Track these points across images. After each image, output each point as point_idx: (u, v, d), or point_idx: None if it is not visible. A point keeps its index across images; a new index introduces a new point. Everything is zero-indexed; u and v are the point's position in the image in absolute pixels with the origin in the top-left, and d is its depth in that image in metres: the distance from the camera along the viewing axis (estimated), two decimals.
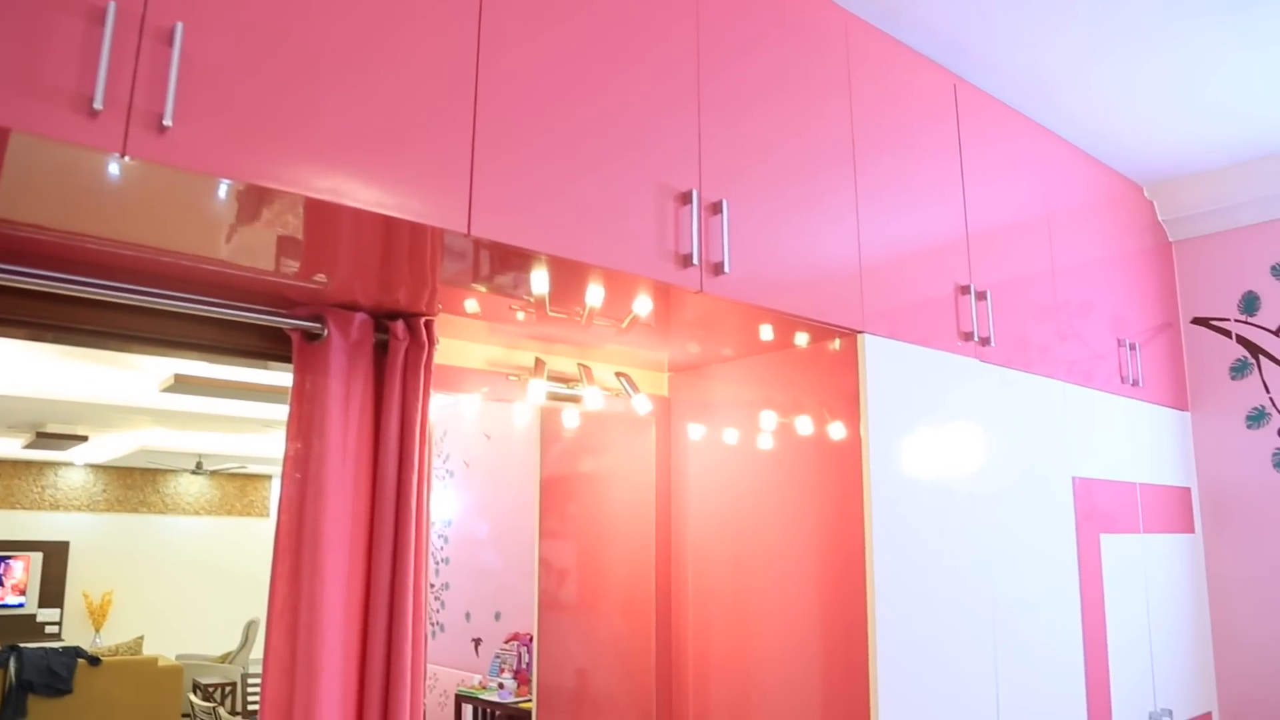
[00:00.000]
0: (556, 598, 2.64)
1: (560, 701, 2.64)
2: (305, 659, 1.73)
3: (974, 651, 2.19)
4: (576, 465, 2.71)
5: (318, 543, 1.76)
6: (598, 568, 2.63)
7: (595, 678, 2.60)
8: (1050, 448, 2.56)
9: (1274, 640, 3.12)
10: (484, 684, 5.60)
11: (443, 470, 6.79)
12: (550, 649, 2.67)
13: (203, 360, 1.91)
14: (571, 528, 2.69)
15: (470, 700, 5.47)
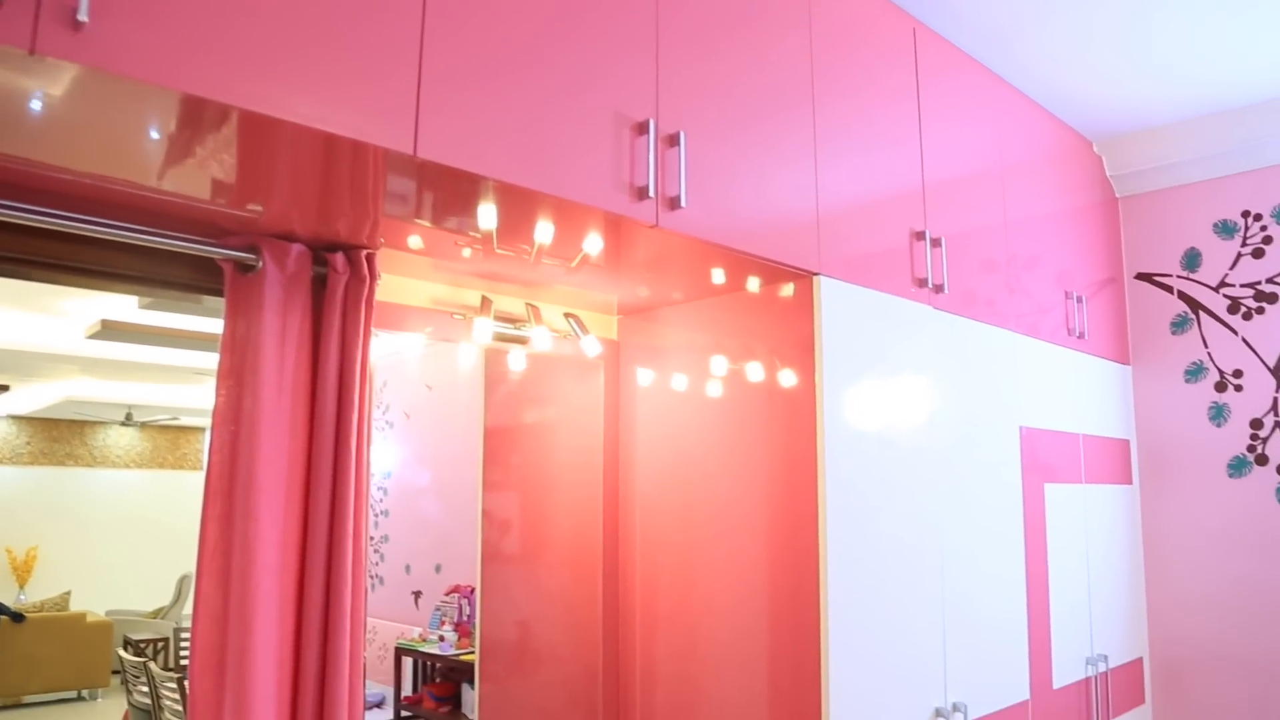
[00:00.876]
0: (500, 549, 2.59)
1: (504, 654, 2.60)
2: (238, 607, 1.65)
3: (922, 600, 2.19)
4: (522, 412, 2.64)
5: (251, 484, 1.68)
6: (543, 518, 2.58)
7: (540, 630, 2.56)
8: (999, 397, 2.56)
9: (1202, 590, 3.20)
10: (424, 637, 5.54)
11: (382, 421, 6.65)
12: (493, 601, 2.62)
13: (130, 293, 1.80)
14: (516, 477, 2.63)
15: (410, 653, 5.40)
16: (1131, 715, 3.11)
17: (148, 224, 1.66)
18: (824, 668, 1.93)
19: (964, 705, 2.24)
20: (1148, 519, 3.33)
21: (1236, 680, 3.11)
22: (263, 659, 1.65)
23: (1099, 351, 3.17)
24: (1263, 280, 3.16)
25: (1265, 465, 3.11)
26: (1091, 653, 2.88)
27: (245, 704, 1.62)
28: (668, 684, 2.27)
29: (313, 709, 1.71)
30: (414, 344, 2.13)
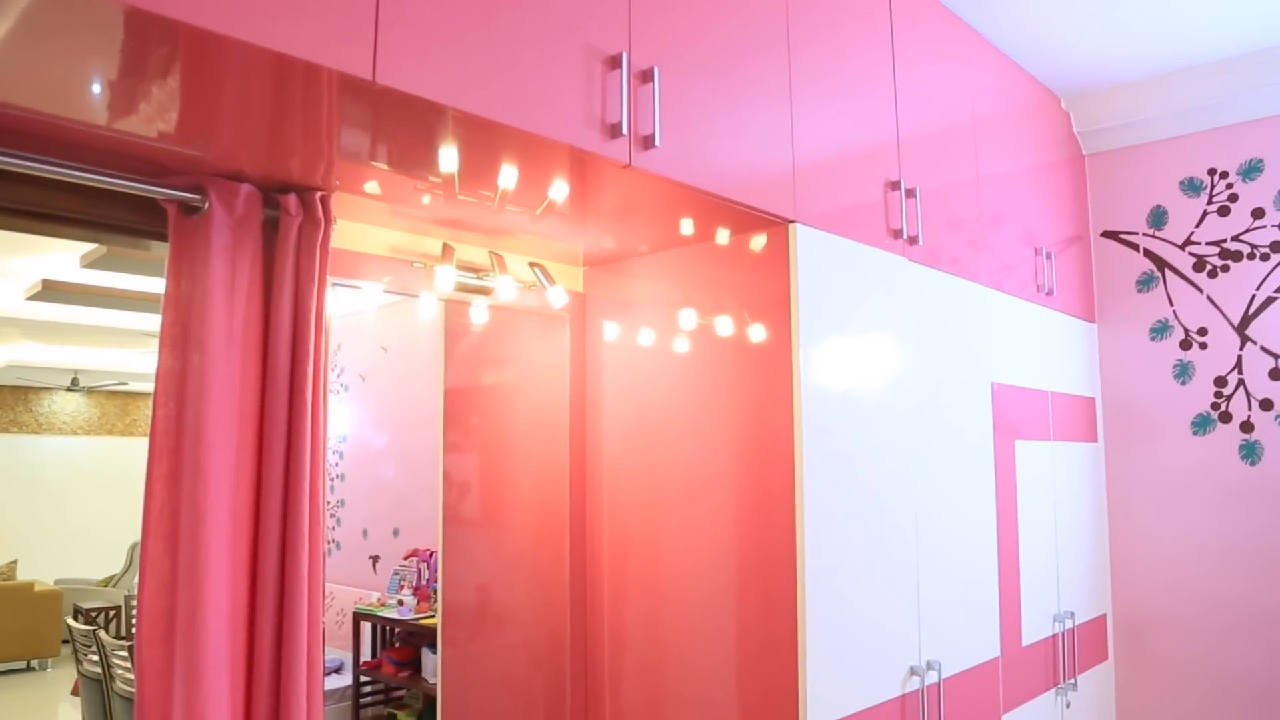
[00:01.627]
0: (461, 512, 2.51)
1: (467, 618, 2.53)
2: (188, 570, 1.56)
3: (897, 559, 2.15)
4: (484, 369, 2.56)
5: (199, 441, 1.58)
6: (506, 479, 2.50)
7: (504, 593, 2.49)
8: (972, 353, 2.52)
9: (1165, 547, 3.21)
10: (383, 601, 5.46)
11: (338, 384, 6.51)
12: (455, 565, 2.54)
13: (67, 236, 1.68)
14: (478, 438, 2.55)
15: (369, 618, 5.32)
16: (1095, 671, 3.12)
17: (85, 161, 1.55)
18: (800, 628, 1.88)
19: (937, 663, 2.22)
20: (1112, 477, 3.33)
21: (1197, 636, 3.14)
22: (214, 625, 1.56)
23: (1066, 309, 3.15)
24: (1228, 238, 3.16)
25: (1229, 423, 3.12)
26: (1059, 610, 2.88)
27: (196, 672, 1.54)
28: (637, 647, 2.21)
29: (269, 676, 1.63)
30: (370, 302, 2.03)
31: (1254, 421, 3.08)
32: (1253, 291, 3.10)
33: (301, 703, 1.62)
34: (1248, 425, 3.09)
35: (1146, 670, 3.24)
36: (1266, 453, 3.04)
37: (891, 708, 2.10)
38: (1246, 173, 3.12)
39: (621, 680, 2.25)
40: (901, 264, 2.25)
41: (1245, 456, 3.08)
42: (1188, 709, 3.14)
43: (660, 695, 2.15)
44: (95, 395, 10.15)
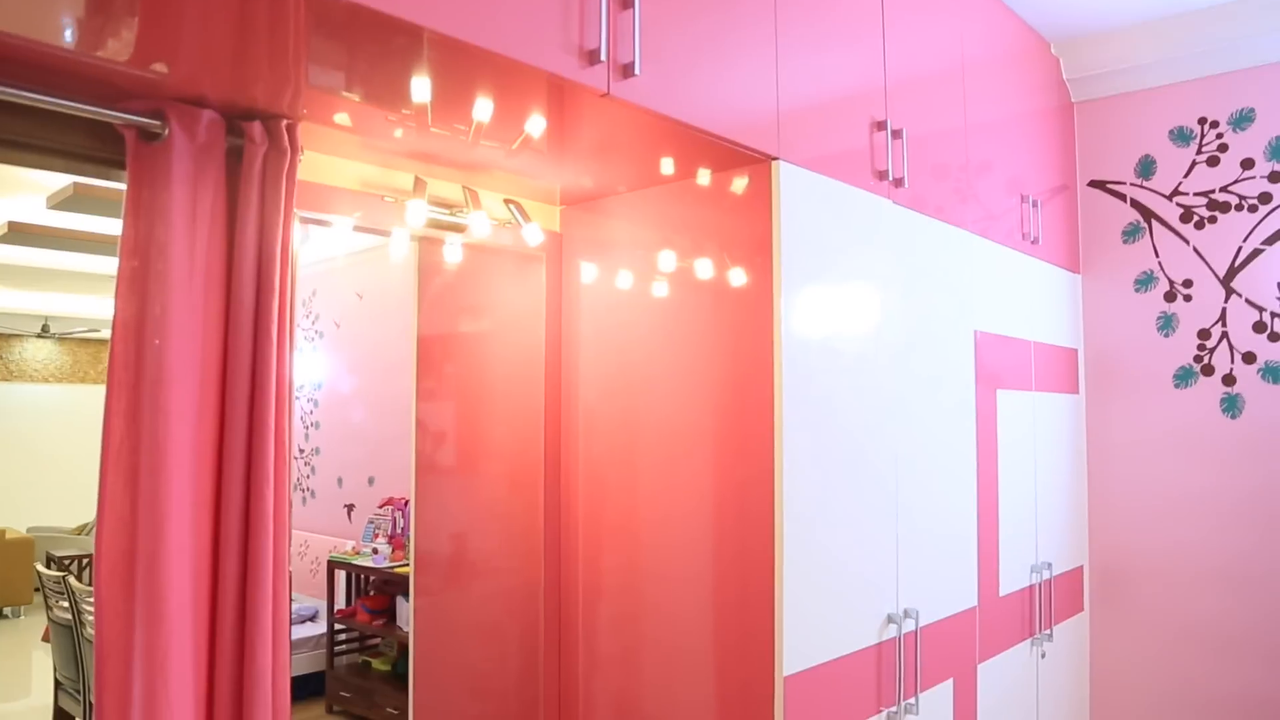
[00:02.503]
0: (434, 459, 2.47)
1: (440, 567, 2.50)
2: (148, 508, 1.51)
3: (876, 508, 2.12)
4: (458, 312, 2.50)
5: (160, 377, 1.52)
6: (481, 426, 2.46)
7: (478, 542, 2.46)
8: (955, 299, 2.48)
9: (1143, 500, 3.22)
10: (357, 550, 5.42)
11: (312, 331, 6.41)
12: (428, 513, 2.50)
13: (17, 162, 1.60)
14: (452, 383, 2.50)
15: (343, 566, 5.29)
16: (1071, 622, 3.14)
17: (37, 83, 1.47)
18: (778, 575, 1.86)
19: (915, 611, 2.20)
20: (1092, 429, 3.32)
21: (1172, 588, 3.15)
22: (177, 565, 1.52)
23: (1051, 258, 3.11)
24: (1216, 189, 3.12)
25: (1211, 376, 3.11)
26: (1036, 561, 2.88)
27: (158, 613, 1.50)
28: (612, 596, 2.19)
29: (234, 618, 1.59)
30: (344, 247, 1.96)
31: (1236, 375, 3.06)
32: (1239, 243, 3.07)
33: (266, 644, 1.58)
34: (1230, 378, 3.07)
35: (1121, 621, 3.25)
36: (1248, 406, 3.04)
37: (868, 655, 2.09)
38: (1237, 122, 3.08)
39: (596, 629, 2.23)
40: (886, 206, 2.20)
41: (1226, 410, 3.08)
42: (1161, 660, 3.17)
43: (635, 643, 2.13)
44: (67, 342, 10.00)
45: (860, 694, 2.06)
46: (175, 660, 1.50)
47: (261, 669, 1.58)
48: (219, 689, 1.58)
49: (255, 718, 1.57)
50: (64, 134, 1.58)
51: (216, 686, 1.58)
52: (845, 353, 2.06)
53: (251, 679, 1.57)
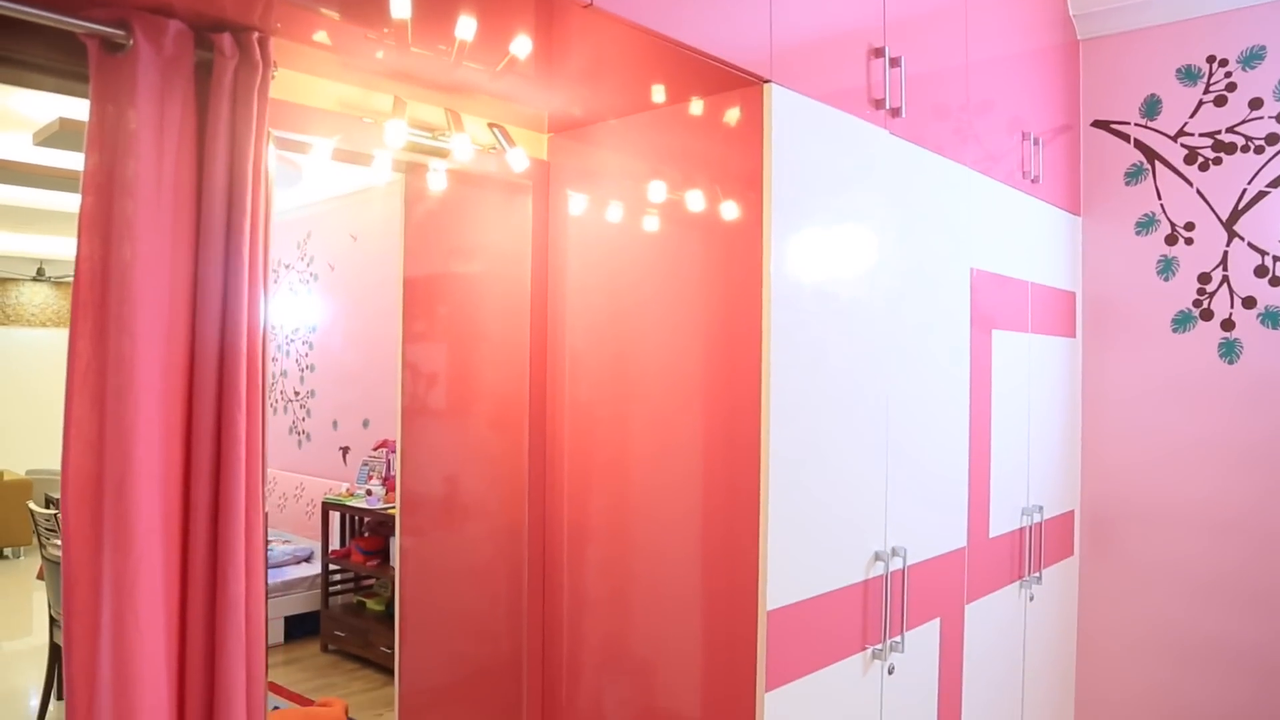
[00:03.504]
0: (419, 401, 2.44)
1: (425, 508, 2.48)
2: (115, 430, 1.47)
3: (865, 446, 2.09)
4: (445, 248, 2.45)
5: (126, 296, 1.48)
6: (467, 365, 2.42)
7: (464, 483, 2.44)
8: (952, 235, 2.42)
9: (1136, 445, 3.19)
10: (351, 491, 5.41)
11: (307, 274, 6.36)
12: (414, 455, 2.48)
13: None
14: (437, 323, 2.46)
15: (337, 508, 5.29)
16: (1060, 566, 3.12)
17: None
18: (762, 511, 1.83)
19: (903, 549, 2.18)
20: (1088, 373, 3.29)
21: (1163, 534, 3.13)
22: (145, 489, 1.49)
23: (1051, 199, 3.05)
24: (1223, 130, 3.05)
25: (1210, 320, 3.06)
26: (1028, 503, 2.86)
27: (126, 538, 1.47)
28: (598, 535, 2.16)
29: (206, 545, 1.57)
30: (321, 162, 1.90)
31: (1235, 319, 3.02)
32: (1244, 185, 3.00)
33: (239, 572, 1.56)
34: (1229, 323, 3.03)
35: (1111, 566, 3.24)
36: (1245, 351, 3.00)
37: (854, 592, 2.07)
38: (1247, 61, 3.00)
39: (581, 568, 2.21)
40: (882, 137, 2.14)
41: (1224, 355, 3.03)
42: (1150, 606, 3.16)
43: (620, 582, 2.11)
44: (62, 286, 9.94)
45: (846, 630, 2.05)
46: (145, 586, 1.48)
47: (234, 597, 1.55)
48: (191, 616, 1.56)
49: (228, 645, 1.55)
50: (24, 44, 1.53)
51: (189, 614, 1.56)
52: (837, 288, 2.01)
53: (224, 607, 1.55)
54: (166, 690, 1.51)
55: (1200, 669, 3.06)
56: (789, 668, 1.89)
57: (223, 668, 1.55)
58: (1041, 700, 3.02)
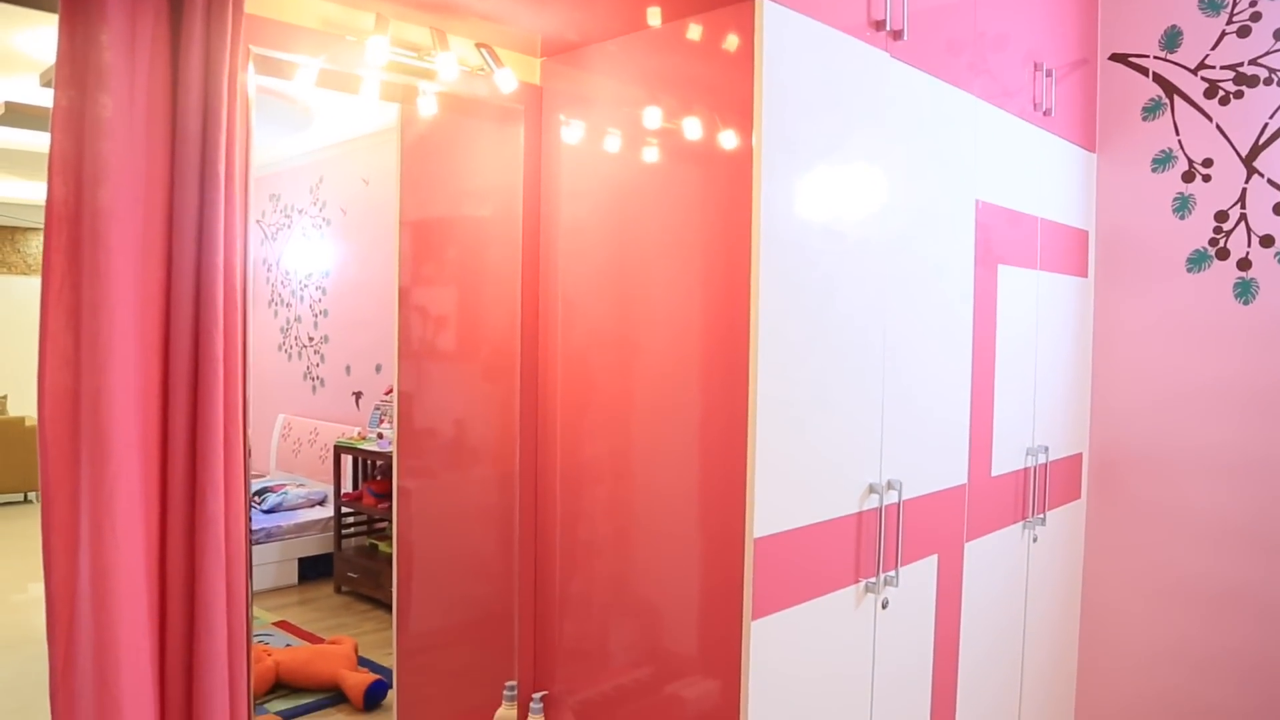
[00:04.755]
0: (415, 344, 2.43)
1: (420, 452, 2.48)
2: (90, 345, 1.47)
3: (859, 377, 2.05)
4: (440, 182, 2.43)
5: (100, 210, 1.47)
6: (462, 305, 2.41)
7: (458, 425, 2.44)
8: (955, 165, 2.36)
9: (1148, 387, 3.13)
10: (363, 435, 5.44)
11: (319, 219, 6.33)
12: (409, 399, 2.48)
13: None
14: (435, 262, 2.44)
15: (349, 451, 5.32)
16: (1066, 509, 3.09)
17: None
18: (750, 440, 1.80)
19: (899, 483, 2.15)
20: (1100, 313, 3.22)
21: (1173, 478, 3.08)
22: (121, 403, 1.48)
23: (1065, 134, 2.97)
24: (1245, 62, 2.95)
25: (1225, 260, 2.98)
26: (1033, 444, 2.82)
27: (103, 453, 1.47)
28: (590, 471, 2.15)
29: (184, 462, 1.56)
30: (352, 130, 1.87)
31: (1252, 259, 2.94)
32: (1265, 120, 2.91)
33: (218, 490, 1.55)
34: (1245, 262, 2.95)
35: (1119, 511, 3.20)
36: (1262, 291, 2.92)
37: (848, 524, 2.04)
38: None
39: (576, 508, 2.20)
40: (882, 61, 2.08)
41: (1239, 295, 2.96)
42: (1157, 551, 3.12)
43: (614, 522, 2.10)
44: None
45: (838, 562, 2.03)
46: (122, 500, 1.48)
47: (213, 514, 1.55)
48: (171, 532, 1.57)
49: (207, 561, 1.55)
50: None
51: (169, 530, 1.57)
52: (830, 217, 1.96)
53: (202, 523, 1.55)
54: (146, 604, 1.52)
55: (1209, 615, 3.03)
56: (778, 596, 1.87)
57: (202, 583, 1.55)
58: (1044, 643, 3.00)
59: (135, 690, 1.49)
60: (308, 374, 6.26)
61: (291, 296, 6.43)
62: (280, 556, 5.34)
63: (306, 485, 5.72)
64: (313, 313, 6.23)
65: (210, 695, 1.55)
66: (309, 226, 6.25)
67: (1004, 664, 2.75)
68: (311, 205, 6.22)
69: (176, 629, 1.57)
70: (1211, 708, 3.02)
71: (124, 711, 1.47)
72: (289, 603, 5.01)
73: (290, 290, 6.47)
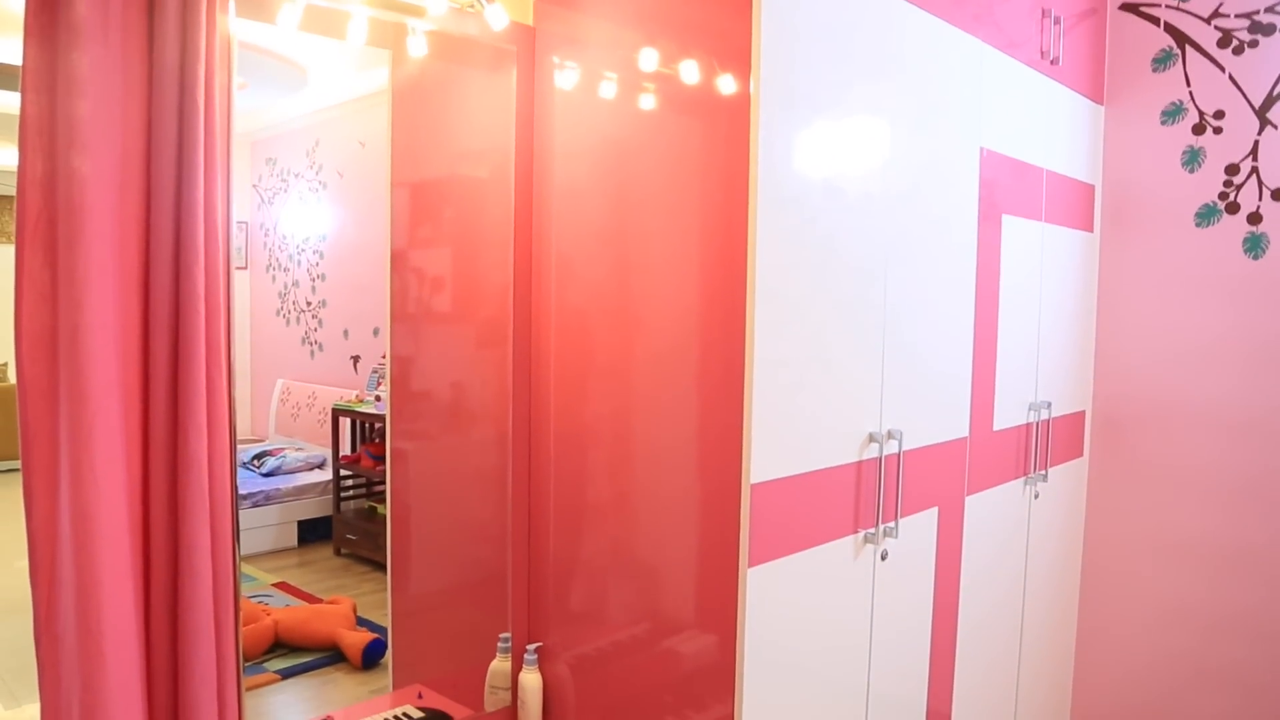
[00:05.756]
0: (407, 300, 2.40)
1: (414, 413, 2.45)
2: (68, 279, 1.43)
3: (860, 328, 2.01)
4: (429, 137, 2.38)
5: (75, 140, 1.43)
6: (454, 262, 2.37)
7: (451, 386, 2.40)
8: (959, 111, 2.30)
9: (1153, 344, 3.08)
10: (361, 398, 5.43)
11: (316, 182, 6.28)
12: (401, 361, 2.45)
13: None
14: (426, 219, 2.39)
15: (347, 413, 5.30)
16: (1069, 465, 3.05)
17: None
18: (747, 389, 1.76)
19: (899, 432, 2.12)
20: (1105, 269, 3.17)
21: (1178, 435, 3.04)
22: (100, 340, 1.45)
23: (1072, 84, 2.90)
24: (1260, 10, 2.87)
25: (1235, 214, 2.93)
26: (1036, 399, 2.78)
27: (82, 391, 1.43)
28: (589, 439, 2.11)
29: (165, 402, 1.53)
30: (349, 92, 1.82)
31: (1263, 212, 2.88)
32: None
33: (200, 430, 1.52)
34: (1255, 216, 2.89)
35: (1123, 468, 3.17)
36: (1272, 246, 2.87)
37: (847, 472, 2.01)
38: None
39: (568, 467, 2.16)
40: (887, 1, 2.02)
41: (1249, 250, 2.91)
42: (1162, 510, 3.09)
43: (613, 484, 2.07)
44: None
45: (837, 511, 1.99)
46: (101, 440, 1.45)
47: (195, 455, 1.52)
48: (154, 475, 1.53)
49: (189, 503, 1.52)
50: None
51: (151, 471, 1.53)
52: (829, 161, 1.91)
53: (185, 465, 1.52)
54: (129, 546, 1.49)
55: (1216, 576, 3.00)
56: (775, 544, 1.84)
57: (186, 525, 1.52)
58: (1045, 602, 2.98)
59: (118, 632, 1.46)
60: (306, 339, 6.23)
61: (289, 261, 6.39)
62: (280, 519, 5.32)
63: (305, 449, 5.71)
64: (310, 277, 6.19)
65: (195, 640, 1.52)
66: (306, 190, 6.20)
67: (1004, 621, 2.72)
68: (308, 169, 6.17)
69: (161, 572, 1.54)
70: (1220, 669, 2.99)
71: (106, 654, 1.44)
72: (289, 565, 5.00)
73: (288, 255, 6.43)
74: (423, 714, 2.23)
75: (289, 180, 6.56)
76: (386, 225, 2.49)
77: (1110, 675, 3.22)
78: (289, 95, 5.74)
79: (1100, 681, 3.24)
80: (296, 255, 6.66)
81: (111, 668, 1.45)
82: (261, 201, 7.29)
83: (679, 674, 1.93)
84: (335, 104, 6.13)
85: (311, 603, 4.63)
